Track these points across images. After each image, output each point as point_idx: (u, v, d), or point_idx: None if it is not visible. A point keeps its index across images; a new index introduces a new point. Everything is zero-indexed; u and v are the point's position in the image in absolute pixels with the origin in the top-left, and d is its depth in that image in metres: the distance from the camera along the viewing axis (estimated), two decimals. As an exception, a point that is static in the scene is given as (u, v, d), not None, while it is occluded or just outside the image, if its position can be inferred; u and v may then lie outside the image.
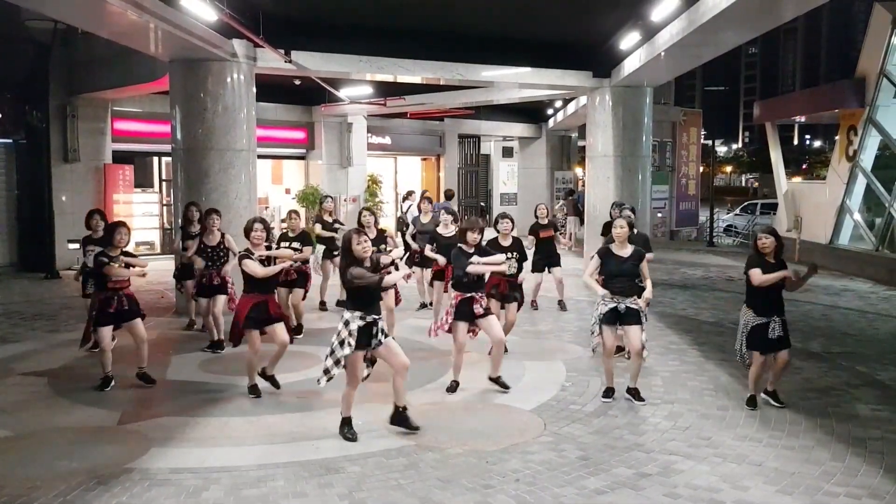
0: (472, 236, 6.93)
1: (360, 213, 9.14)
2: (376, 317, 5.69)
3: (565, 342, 8.84)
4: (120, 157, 16.31)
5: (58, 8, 9.05)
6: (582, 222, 17.12)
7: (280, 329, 6.79)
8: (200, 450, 5.57)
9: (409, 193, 16.82)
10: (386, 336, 5.80)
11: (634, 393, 6.75)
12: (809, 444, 5.69)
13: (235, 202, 10.51)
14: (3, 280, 14.02)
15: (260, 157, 11.95)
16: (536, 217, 10.90)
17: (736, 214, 28.93)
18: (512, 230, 8.00)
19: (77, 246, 15.04)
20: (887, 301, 12.43)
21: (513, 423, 6.24)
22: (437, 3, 11.06)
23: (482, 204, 25.50)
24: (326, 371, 5.63)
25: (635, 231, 7.32)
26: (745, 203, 31.87)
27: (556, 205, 22.06)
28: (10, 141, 15.06)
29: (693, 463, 5.33)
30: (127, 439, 5.80)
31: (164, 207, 17.28)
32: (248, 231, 6.86)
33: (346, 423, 5.79)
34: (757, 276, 6.34)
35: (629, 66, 12.24)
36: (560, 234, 11.59)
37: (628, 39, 11.40)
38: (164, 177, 17.92)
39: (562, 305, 11.20)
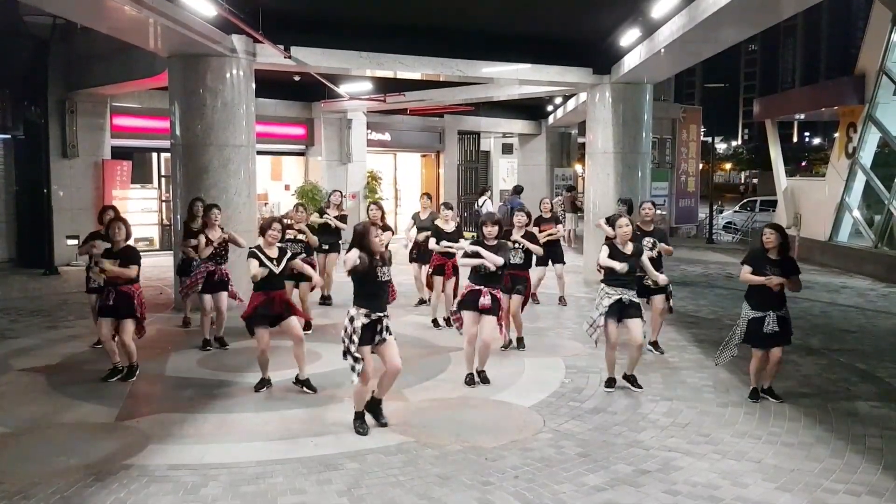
0: (487, 230, 7.00)
1: (367, 207, 9.24)
2: (381, 314, 5.71)
3: (565, 339, 8.84)
4: (119, 153, 16.29)
5: (56, 3, 9.02)
6: (581, 219, 17.15)
7: (292, 323, 6.75)
8: (199, 446, 5.56)
9: (484, 190, 19.24)
10: (390, 334, 5.80)
11: (632, 380, 6.96)
12: (809, 441, 5.69)
13: (235, 198, 10.50)
14: (2, 276, 14.00)
15: (259, 153, 11.92)
16: (540, 211, 11.05)
17: (735, 211, 28.92)
18: (527, 224, 8.24)
19: (76, 242, 15.25)
20: (886, 298, 12.43)
21: (512, 419, 6.23)
22: (438, -1, 11.06)
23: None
24: (353, 369, 5.64)
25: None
26: (745, 200, 31.86)
27: (555, 200, 22.05)
28: (8, 137, 15.03)
29: (692, 460, 5.33)
30: (125, 435, 5.79)
31: (163, 203, 17.26)
32: (264, 229, 6.78)
33: (359, 416, 5.83)
34: (744, 273, 6.56)
35: (629, 62, 12.21)
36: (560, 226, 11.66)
37: (628, 36, 11.36)
38: (162, 173, 17.90)
39: (562, 301, 11.25)
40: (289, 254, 6.89)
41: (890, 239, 15.35)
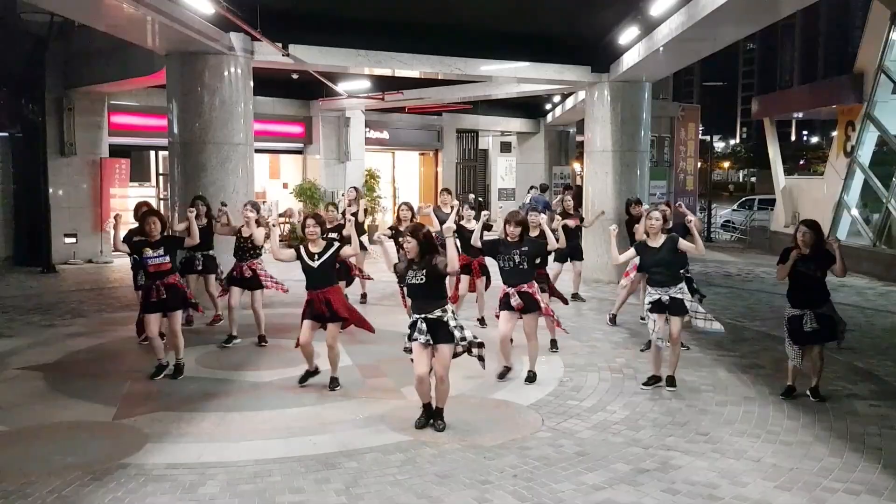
0: (509, 229, 6.99)
1: (399, 208, 9.38)
2: (418, 316, 5.72)
3: (563, 337, 8.83)
4: (116, 151, 16.24)
5: (54, 0, 9.01)
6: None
7: (329, 331, 6.72)
8: (197, 445, 5.54)
9: (532, 188, 20.02)
10: (436, 338, 5.70)
11: (669, 381, 6.95)
12: (807, 440, 5.69)
13: (233, 196, 10.47)
14: (0, 274, 13.97)
15: (257, 151, 11.92)
16: (563, 206, 11.08)
17: (734, 210, 28.94)
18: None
19: (73, 240, 15.23)
20: (884, 297, 12.43)
21: (510, 418, 6.22)
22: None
23: (479, 199, 25.47)
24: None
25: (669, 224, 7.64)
26: (743, 198, 31.89)
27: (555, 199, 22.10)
28: (6, 135, 14.99)
29: (691, 458, 5.32)
30: (123, 434, 5.78)
31: (161, 202, 17.22)
32: (302, 228, 6.91)
33: (424, 409, 5.90)
34: (778, 271, 6.58)
35: (628, 60, 12.20)
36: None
37: (627, 34, 11.36)
38: (160, 171, 17.86)
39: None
40: (335, 245, 6.85)
41: (888, 237, 15.36)
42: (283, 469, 5.08)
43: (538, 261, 7.99)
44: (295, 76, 16.03)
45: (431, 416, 5.85)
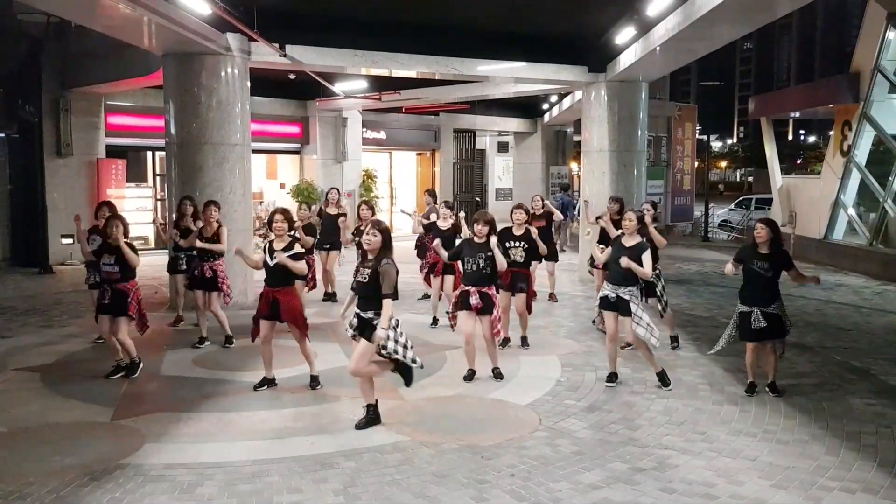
0: (477, 228, 7.03)
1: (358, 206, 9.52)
2: (357, 311, 5.82)
3: (560, 337, 8.84)
4: (113, 152, 16.24)
5: (51, 1, 9.00)
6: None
7: (292, 330, 6.76)
8: (195, 445, 5.55)
9: (567, 187, 20.67)
10: (362, 334, 5.78)
11: (658, 377, 7.01)
12: (804, 439, 5.70)
13: (230, 197, 10.47)
14: (-4, 275, 13.97)
15: (254, 151, 11.90)
16: (532, 208, 11.01)
17: (731, 209, 28.99)
18: (526, 221, 8.07)
19: (70, 241, 15.21)
20: (881, 296, 12.46)
21: (508, 417, 6.23)
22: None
23: (477, 199, 25.49)
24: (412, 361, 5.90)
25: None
26: (741, 198, 31.94)
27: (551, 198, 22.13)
28: (2, 135, 14.98)
29: (688, 457, 5.33)
30: (121, 435, 5.78)
31: (158, 202, 17.21)
32: (269, 223, 6.96)
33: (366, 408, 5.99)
34: (727, 267, 6.95)
35: (624, 60, 12.22)
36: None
37: (624, 34, 11.38)
38: (157, 171, 17.86)
39: (552, 298, 11.29)
40: (295, 248, 6.80)
41: (885, 237, 15.39)
42: (280, 469, 5.09)
43: (522, 258, 7.99)
44: (292, 76, 16.04)
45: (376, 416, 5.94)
